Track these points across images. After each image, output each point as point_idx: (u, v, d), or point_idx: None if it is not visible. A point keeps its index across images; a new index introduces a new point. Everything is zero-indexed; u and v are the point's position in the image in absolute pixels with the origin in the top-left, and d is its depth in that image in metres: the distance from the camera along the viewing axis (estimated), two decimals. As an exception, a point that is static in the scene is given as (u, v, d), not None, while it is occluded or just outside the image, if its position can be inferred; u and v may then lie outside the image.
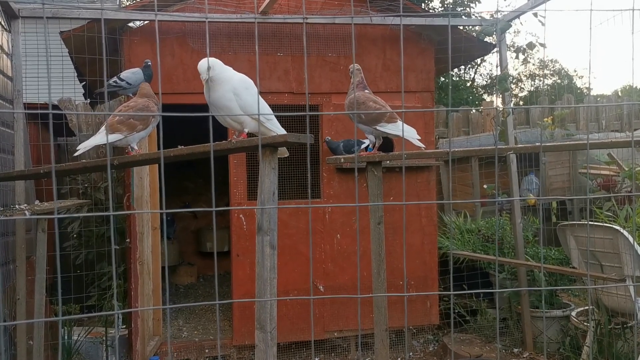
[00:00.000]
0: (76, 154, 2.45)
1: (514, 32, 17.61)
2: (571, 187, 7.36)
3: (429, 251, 5.05)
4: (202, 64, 2.36)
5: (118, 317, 4.84)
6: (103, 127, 2.55)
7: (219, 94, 2.37)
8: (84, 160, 3.34)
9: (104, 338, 4.56)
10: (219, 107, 2.40)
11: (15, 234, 3.96)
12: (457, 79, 15.84)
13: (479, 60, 16.84)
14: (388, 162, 4.72)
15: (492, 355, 4.60)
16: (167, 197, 6.95)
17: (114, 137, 2.46)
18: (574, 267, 4.46)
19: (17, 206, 3.56)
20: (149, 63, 3.72)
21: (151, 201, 4.43)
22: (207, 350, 4.73)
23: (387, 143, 4.27)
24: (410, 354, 5.03)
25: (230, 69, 2.51)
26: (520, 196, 6.21)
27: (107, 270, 5.11)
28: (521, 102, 17.20)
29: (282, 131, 2.42)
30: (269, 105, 2.64)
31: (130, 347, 4.52)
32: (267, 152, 2.13)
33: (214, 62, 2.39)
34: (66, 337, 4.57)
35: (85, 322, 5.07)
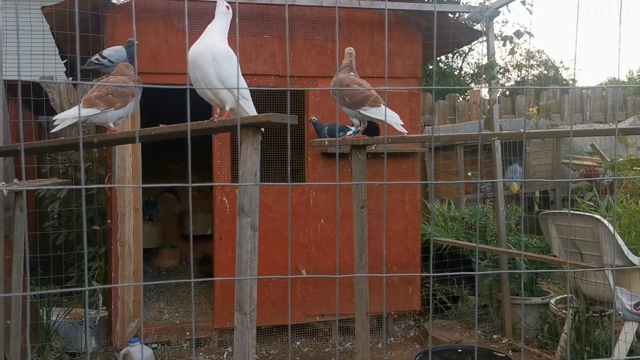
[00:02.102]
0: (54, 130, 2.39)
1: (502, 22, 17.63)
2: (554, 177, 7.42)
3: (412, 237, 5.06)
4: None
5: (99, 298, 4.80)
6: (81, 103, 2.50)
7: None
8: (62, 138, 3.28)
9: (84, 319, 4.52)
10: (200, 73, 2.36)
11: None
12: (445, 67, 15.84)
13: (467, 49, 16.85)
14: (373, 147, 4.71)
15: (471, 341, 4.64)
16: (151, 179, 6.88)
17: (90, 112, 2.41)
18: (554, 256, 4.50)
19: (-6, 184, 3.48)
20: (133, 42, 3.65)
21: (133, 182, 4.37)
22: (187, 333, 4.71)
23: (373, 128, 4.25)
24: (392, 339, 5.06)
25: (218, 37, 2.48)
26: (504, 186, 6.24)
27: (87, 251, 5.05)
28: (507, 92, 17.27)
29: (255, 114, 2.40)
30: (256, 89, 2.62)
31: (110, 328, 4.49)
32: (250, 133, 2.10)
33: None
34: (45, 318, 4.52)
35: (65, 303, 5.02)
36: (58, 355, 4.42)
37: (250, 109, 2.53)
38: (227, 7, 2.46)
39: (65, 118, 2.44)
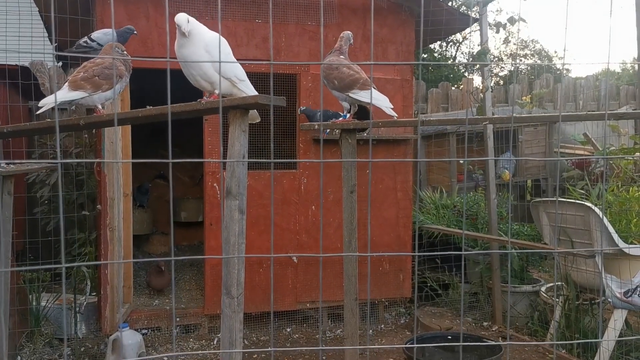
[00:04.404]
0: (39, 111, 2.36)
1: (497, 11, 17.57)
2: (546, 166, 7.43)
3: (404, 225, 5.05)
4: (181, 16, 2.30)
5: (86, 283, 4.78)
6: (67, 84, 2.46)
7: (192, 50, 2.31)
8: (48, 120, 3.24)
9: (73, 304, 4.51)
10: (190, 64, 2.33)
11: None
12: (439, 56, 15.79)
13: (460, 38, 16.79)
14: (365, 134, 4.69)
15: (462, 328, 4.65)
16: (141, 164, 6.84)
17: (77, 95, 2.38)
18: (545, 244, 4.51)
19: (-19, 167, 3.43)
20: (132, 30, 3.58)
21: (123, 167, 4.34)
22: (178, 319, 4.70)
23: (364, 114, 4.22)
24: (382, 326, 5.07)
25: (205, 27, 2.44)
26: (496, 174, 6.24)
27: (77, 237, 5.02)
28: (501, 82, 17.26)
29: (255, 94, 2.36)
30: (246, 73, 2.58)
31: (99, 314, 4.48)
32: (238, 114, 2.08)
33: (191, 17, 2.33)
34: (34, 303, 4.50)
35: (55, 289, 5.00)
36: (47, 340, 4.41)
37: (249, 89, 2.49)
38: (184, 26, 2.34)
39: (51, 102, 2.40)
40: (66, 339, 3.99)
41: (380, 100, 2.81)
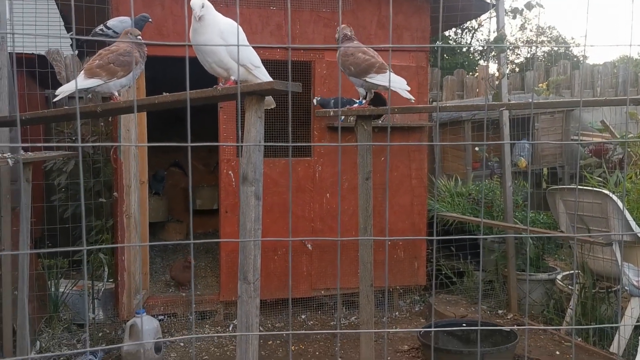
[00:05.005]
0: (56, 99, 2.38)
1: (513, -4, 17.36)
2: (563, 154, 7.36)
3: (419, 212, 5.04)
4: (196, 0, 2.30)
5: (104, 270, 4.84)
6: (82, 72, 2.47)
7: (207, 37, 2.31)
8: (65, 107, 3.26)
9: (91, 291, 4.56)
10: (205, 51, 2.33)
11: (0, 185, 3.90)
12: (454, 43, 15.65)
13: (476, 25, 16.63)
14: (380, 122, 4.67)
15: (476, 316, 4.64)
16: (157, 153, 6.88)
17: (92, 82, 2.39)
18: (562, 232, 4.47)
19: (0, 154, 3.48)
20: (147, 18, 3.58)
21: (139, 154, 4.37)
22: (194, 306, 4.74)
23: (379, 101, 4.21)
24: (397, 313, 5.08)
25: (220, 14, 2.44)
26: (512, 161, 6.19)
27: (94, 224, 5.07)
28: (517, 69, 17.07)
29: (270, 80, 2.36)
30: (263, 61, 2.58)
31: (116, 300, 4.53)
32: (254, 100, 2.08)
33: (207, 2, 2.32)
34: (53, 289, 4.56)
35: (72, 276, 5.06)
36: (66, 326, 4.47)
37: (264, 75, 2.49)
38: (197, 11, 2.34)
39: (68, 90, 2.42)
40: (88, 323, 4.05)
41: (397, 83, 2.80)
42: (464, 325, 4.31)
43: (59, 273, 4.74)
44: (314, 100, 4.60)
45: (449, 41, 15.64)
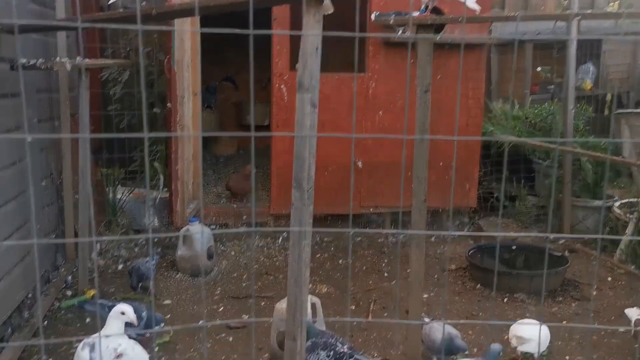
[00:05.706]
0: (111, 1, 2.35)
1: None
2: (629, 79, 6.97)
3: (473, 133, 4.91)
4: None
5: (159, 178, 4.96)
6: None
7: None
8: (120, 10, 3.24)
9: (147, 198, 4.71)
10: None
11: (59, 91, 3.98)
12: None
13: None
14: (438, 37, 4.47)
15: (526, 240, 4.59)
16: (209, 67, 6.85)
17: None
18: (624, 157, 4.30)
19: (58, 59, 3.52)
20: None
21: (192, 65, 4.36)
22: (244, 217, 4.85)
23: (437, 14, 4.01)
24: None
25: None
26: (576, 85, 5.89)
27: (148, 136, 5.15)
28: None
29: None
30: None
31: (171, 208, 4.67)
32: (312, 3, 1.99)
33: None
34: (111, 195, 4.73)
35: (129, 184, 5.21)
36: (124, 230, 4.66)
37: None
38: None
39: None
40: (149, 223, 4.19)
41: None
42: (514, 248, 4.28)
43: (117, 180, 4.89)
44: (372, 15, 4.42)
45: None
